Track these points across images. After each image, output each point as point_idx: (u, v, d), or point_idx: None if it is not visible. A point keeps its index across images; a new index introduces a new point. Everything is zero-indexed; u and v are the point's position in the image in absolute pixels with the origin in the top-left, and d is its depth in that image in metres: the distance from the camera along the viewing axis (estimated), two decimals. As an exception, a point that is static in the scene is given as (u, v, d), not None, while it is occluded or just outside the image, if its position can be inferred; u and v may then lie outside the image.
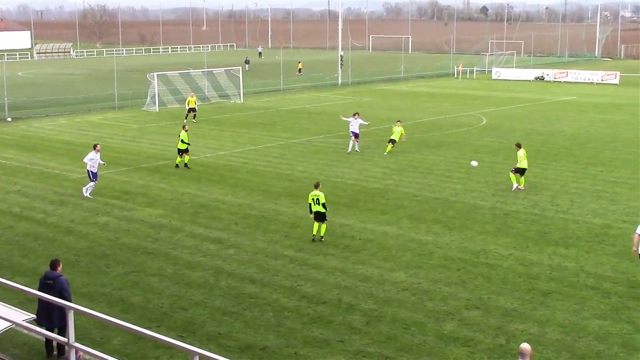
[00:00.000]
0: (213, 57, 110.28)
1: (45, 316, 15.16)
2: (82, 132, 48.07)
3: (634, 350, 16.34)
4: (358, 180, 33.05)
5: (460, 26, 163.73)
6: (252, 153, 39.92)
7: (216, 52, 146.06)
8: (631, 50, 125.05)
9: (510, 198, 29.70)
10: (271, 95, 70.26)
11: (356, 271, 21.49)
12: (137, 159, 38.31)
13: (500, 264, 22.04)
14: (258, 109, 59.62)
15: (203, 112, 55.67)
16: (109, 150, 40.83)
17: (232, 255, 22.97)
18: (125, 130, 48.83)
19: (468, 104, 61.81)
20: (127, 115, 56.13)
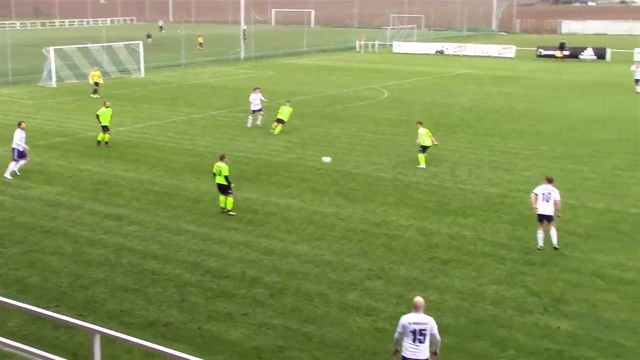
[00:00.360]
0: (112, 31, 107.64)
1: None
2: (-25, 108, 46.26)
3: (527, 313, 16.96)
4: (261, 154, 32.99)
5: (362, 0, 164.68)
6: (153, 128, 39.28)
7: (115, 26, 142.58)
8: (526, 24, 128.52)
9: (411, 170, 30.22)
10: (173, 70, 69.17)
11: (260, 245, 21.51)
12: (34, 136, 37.03)
13: (401, 234, 22.44)
14: (159, 83, 58.63)
15: (103, 88, 54.23)
16: (4, 128, 39.45)
17: (134, 232, 22.62)
18: (21, 106, 47.22)
19: (370, 78, 62.39)
20: (23, 91, 54.27)
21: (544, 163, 31.36)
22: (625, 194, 26.63)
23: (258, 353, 15.24)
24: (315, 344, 15.59)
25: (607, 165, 30.97)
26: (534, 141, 35.80)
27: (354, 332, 16.10)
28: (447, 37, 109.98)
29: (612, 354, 15.11)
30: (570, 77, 62.82)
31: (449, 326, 16.28)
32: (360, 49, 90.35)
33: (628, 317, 16.76)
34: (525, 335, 15.88)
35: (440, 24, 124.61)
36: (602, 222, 23.53)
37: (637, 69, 52.61)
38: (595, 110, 45.40)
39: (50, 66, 57.28)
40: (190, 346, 15.43)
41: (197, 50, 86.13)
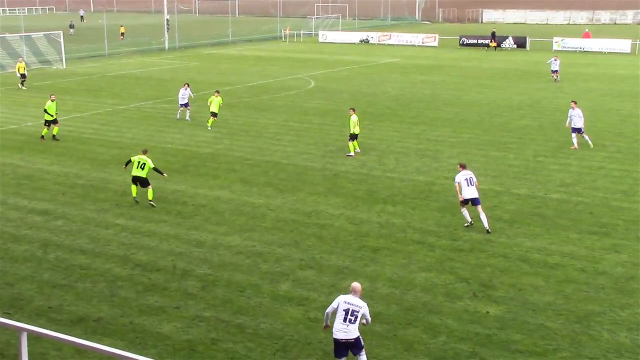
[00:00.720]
0: (30, 20, 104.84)
1: None
2: None
3: (456, 299, 17.27)
4: (189, 146, 32.68)
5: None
6: (77, 120, 38.48)
7: (34, 15, 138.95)
8: (448, 13, 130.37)
9: (340, 159, 30.37)
10: (95, 60, 67.83)
11: (190, 237, 21.34)
12: (-48, 130, 35.99)
13: (331, 223, 22.55)
14: (82, 74, 57.43)
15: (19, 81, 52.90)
16: None
17: (61, 227, 22.16)
18: (-63, 99, 45.69)
19: (296, 67, 62.38)
20: (-62, 83, 52.48)
21: (468, 150, 31.92)
22: (548, 180, 27.33)
23: (191, 346, 15.13)
24: (249, 335, 15.56)
25: (529, 151, 31.71)
26: (458, 129, 36.39)
27: (287, 322, 16.13)
28: (372, 26, 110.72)
29: (538, 336, 15.51)
30: (492, 66, 64.03)
31: (381, 314, 16.45)
32: (286, 39, 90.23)
33: (553, 299, 17.23)
34: (455, 321, 16.17)
35: (364, 14, 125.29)
36: (526, 208, 24.09)
37: (555, 61, 53.89)
38: (516, 97, 46.39)
39: (-34, 57, 55.57)
40: (122, 341, 15.22)
41: (119, 40, 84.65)
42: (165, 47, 79.19)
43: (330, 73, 58.84)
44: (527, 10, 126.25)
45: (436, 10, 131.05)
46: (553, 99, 45.82)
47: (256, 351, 14.92)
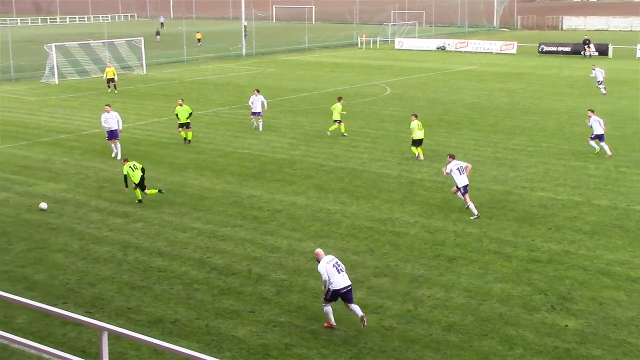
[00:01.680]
0: (113, 27, 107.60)
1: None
2: (-22, 105, 46.26)
3: (534, 311, 16.96)
4: (265, 151, 32.99)
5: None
6: (156, 125, 39.28)
7: (116, 22, 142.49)
8: (527, 20, 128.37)
9: (415, 167, 30.21)
10: (174, 66, 69.13)
11: (265, 242, 21.52)
12: (37, 133, 37.16)
13: (406, 231, 22.44)
14: (162, 80, 58.61)
15: (104, 84, 54.33)
16: (7, 124, 39.49)
17: (140, 229, 22.64)
18: (24, 103, 47.23)
19: (372, 74, 62.33)
20: (25, 88, 54.28)
21: (547, 159, 31.34)
22: (630, 191, 26.61)
23: (265, 350, 15.26)
24: (323, 342, 15.60)
25: (610, 162, 30.93)
26: (537, 137, 35.76)
27: (361, 329, 16.09)
28: (449, 33, 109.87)
29: (620, 352, 15.11)
30: (572, 74, 62.74)
31: (456, 324, 16.29)
32: (362, 46, 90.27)
33: (636, 314, 16.76)
34: (532, 334, 15.89)
35: (441, 20, 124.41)
36: (607, 220, 23.50)
37: (598, 70, 51.40)
38: (598, 106, 45.24)
39: (52, 63, 57.28)
40: (198, 343, 15.46)
41: (197, 46, 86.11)
42: (242, 53, 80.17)
43: (406, 80, 58.62)
44: (609, 17, 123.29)
45: (514, 17, 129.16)
46: (635, 108, 44.63)
47: (330, 358, 14.95)
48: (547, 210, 24.44)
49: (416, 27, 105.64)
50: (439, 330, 16.04)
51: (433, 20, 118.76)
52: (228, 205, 25.04)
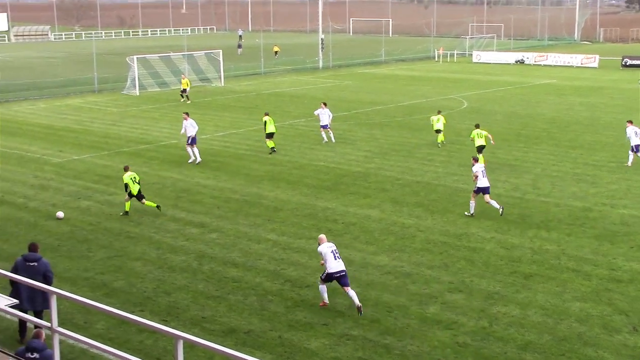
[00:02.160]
0: (193, 40, 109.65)
1: (29, 299, 15.13)
2: (62, 115, 47.70)
3: (614, 332, 16.51)
4: (340, 164, 33.06)
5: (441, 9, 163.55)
6: (233, 137, 39.80)
7: (196, 35, 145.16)
8: (610, 33, 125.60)
9: (491, 181, 29.69)
10: (252, 78, 70.00)
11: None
12: (118, 143, 38.09)
13: (482, 247, 22.16)
14: (239, 92, 59.40)
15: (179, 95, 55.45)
16: (90, 134, 40.61)
17: (215, 240, 22.94)
18: (106, 114, 48.50)
19: (449, 87, 61.90)
20: (107, 99, 55.75)
21: (630, 176, 30.54)
22: None
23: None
24: (395, 357, 15.51)
25: (697, 179, 29.95)
26: (619, 153, 34.85)
27: (434, 345, 15.95)
28: (528, 46, 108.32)
29: None
30: (657, 88, 61.04)
31: (533, 343, 15.98)
32: (439, 59, 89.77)
33: None
34: (613, 355, 15.46)
35: (520, 33, 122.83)
36: (692, 239, 22.73)
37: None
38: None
39: (133, 74, 58.70)
40: (271, 355, 15.55)
41: (274, 59, 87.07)
42: (319, 65, 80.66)
43: (483, 94, 58.00)
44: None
45: (597, 30, 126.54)
46: None
47: (403, 373, 14.84)
48: (629, 228, 23.80)
49: (494, 40, 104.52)
50: (515, 349, 15.76)
51: (512, 33, 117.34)
52: (303, 218, 25.17)
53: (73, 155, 35.27)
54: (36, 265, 15.54)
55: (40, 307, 15.27)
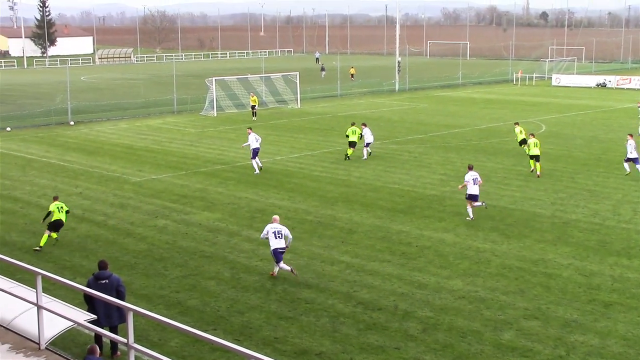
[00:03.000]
0: (270, 62, 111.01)
1: (105, 315, 15.46)
2: (142, 136, 48.84)
3: (699, 365, 15.92)
4: (415, 187, 32.88)
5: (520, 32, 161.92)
6: (309, 158, 40.04)
7: (273, 57, 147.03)
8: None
9: (570, 207, 29.21)
10: (328, 100, 70.38)
11: (412, 278, 21.38)
12: (195, 163, 38.75)
13: (559, 273, 21.68)
14: (315, 114, 59.79)
15: (261, 118, 56.14)
16: (168, 154, 41.44)
17: (289, 260, 23.00)
18: (184, 134, 49.44)
19: (527, 111, 61.03)
20: (186, 120, 56.84)
21: None
22: None
23: (410, 389, 15.08)
24: (469, 383, 15.25)
25: None
26: None
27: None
28: (610, 69, 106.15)
29: None
30: None
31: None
32: (517, 82, 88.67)
33: None
34: (696, 388, 14.90)
35: (602, 56, 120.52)
36: None
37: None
38: None
39: (212, 96, 59.73)
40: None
41: (350, 81, 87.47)
42: (395, 88, 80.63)
43: (562, 118, 56.99)
44: None
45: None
46: None
47: (476, 400, 14.58)
48: None
49: (575, 63, 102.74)
50: (593, 379, 15.33)
51: (593, 56, 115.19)
52: (376, 240, 25.10)
53: (152, 174, 36.04)
54: (107, 283, 15.88)
55: (116, 323, 15.62)
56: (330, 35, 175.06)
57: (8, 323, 11.93)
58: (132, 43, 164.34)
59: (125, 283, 18.84)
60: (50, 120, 55.64)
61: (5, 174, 35.55)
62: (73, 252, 24.11)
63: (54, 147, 44.48)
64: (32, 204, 30.45)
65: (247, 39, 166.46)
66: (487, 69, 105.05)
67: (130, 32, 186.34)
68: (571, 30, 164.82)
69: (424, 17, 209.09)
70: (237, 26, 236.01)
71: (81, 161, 39.67)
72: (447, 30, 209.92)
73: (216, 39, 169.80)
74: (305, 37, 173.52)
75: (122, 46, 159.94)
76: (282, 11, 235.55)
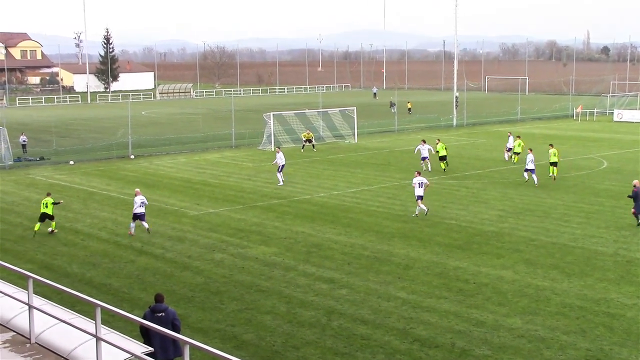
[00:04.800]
0: (328, 97, 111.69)
1: (162, 348, 15.56)
2: (200, 170, 49.44)
3: None
4: (472, 223, 32.55)
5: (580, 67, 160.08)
6: (365, 193, 39.99)
7: (331, 92, 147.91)
8: None
9: (634, 245, 28.55)
10: (385, 135, 70.39)
11: (470, 315, 21.08)
12: (252, 198, 39.02)
13: (623, 313, 21.15)
14: (372, 149, 59.82)
15: (318, 152, 56.40)
16: (226, 188, 41.83)
17: (345, 296, 22.95)
18: (242, 168, 49.91)
19: (588, 147, 60.11)
20: (244, 154, 57.40)
21: None
22: None
23: None
24: None
25: None
26: None
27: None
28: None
29: None
30: None
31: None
32: (577, 117, 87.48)
33: None
34: None
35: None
36: None
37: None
38: None
39: (269, 130, 60.26)
40: (398, 416, 15.27)
41: (407, 116, 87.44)
42: (453, 123, 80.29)
43: (625, 154, 55.95)
44: None
45: None
46: None
47: None
48: None
49: (638, 99, 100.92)
50: None
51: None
52: (433, 276, 24.86)
53: (209, 208, 36.40)
54: (163, 316, 15.98)
55: (172, 356, 15.69)
56: (388, 70, 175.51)
57: (68, 354, 12.09)
58: (192, 78, 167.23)
59: (182, 316, 19.04)
60: (111, 154, 56.78)
61: (67, 207, 36.29)
62: (132, 285, 24.42)
63: (114, 180, 45.32)
64: (92, 237, 30.99)
65: (304, 74, 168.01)
66: (547, 104, 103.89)
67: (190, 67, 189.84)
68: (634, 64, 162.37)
69: (482, 53, 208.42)
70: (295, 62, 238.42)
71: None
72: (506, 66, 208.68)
73: (274, 74, 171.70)
74: (363, 72, 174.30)
75: (182, 81, 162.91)
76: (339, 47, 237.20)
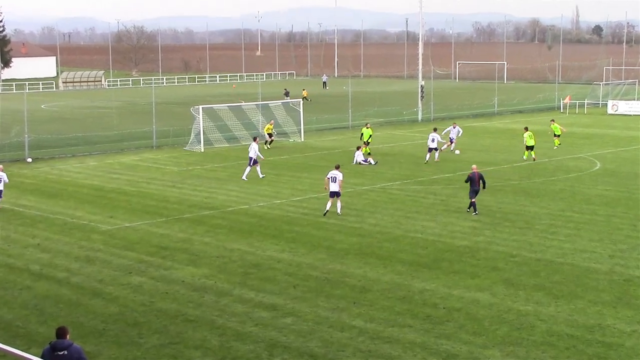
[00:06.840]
0: (269, 87, 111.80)
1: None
2: (114, 175, 49.02)
3: None
4: (441, 236, 32.84)
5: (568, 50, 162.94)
6: (314, 202, 40.06)
7: (272, 81, 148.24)
8: None
9: (632, 260, 29.11)
10: (337, 133, 70.67)
11: (439, 347, 21.24)
12: (178, 208, 38.81)
13: (621, 342, 21.54)
14: (321, 149, 60.00)
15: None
16: (145, 198, 41.54)
17: (290, 325, 22.93)
18: (165, 173, 49.61)
19: (577, 145, 61.15)
20: (167, 156, 57.10)
21: None
22: None
23: None
24: None
25: None
26: None
27: None
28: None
29: None
30: None
31: None
32: (565, 109, 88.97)
33: None
34: None
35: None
36: None
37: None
38: None
39: (198, 128, 59.96)
40: None
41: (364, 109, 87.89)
42: (418, 118, 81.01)
43: (621, 152, 57.09)
44: None
45: None
46: None
47: None
48: None
49: (635, 87, 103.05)
50: None
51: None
52: (396, 301, 24.99)
53: (125, 222, 36.09)
54: (66, 354, 15.65)
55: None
56: (340, 54, 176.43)
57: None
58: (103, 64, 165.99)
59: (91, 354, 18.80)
60: (3, 156, 55.88)
61: (-52, 222, 35.67)
62: (28, 317, 24.04)
63: (6, 188, 44.63)
64: (-20, 258, 30.48)
65: (240, 59, 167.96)
66: (529, 95, 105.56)
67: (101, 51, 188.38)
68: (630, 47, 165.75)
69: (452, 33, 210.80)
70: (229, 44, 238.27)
71: (40, 206, 39.77)
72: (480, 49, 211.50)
73: (204, 59, 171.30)
74: (311, 57, 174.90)
75: (91, 68, 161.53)
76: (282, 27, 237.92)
